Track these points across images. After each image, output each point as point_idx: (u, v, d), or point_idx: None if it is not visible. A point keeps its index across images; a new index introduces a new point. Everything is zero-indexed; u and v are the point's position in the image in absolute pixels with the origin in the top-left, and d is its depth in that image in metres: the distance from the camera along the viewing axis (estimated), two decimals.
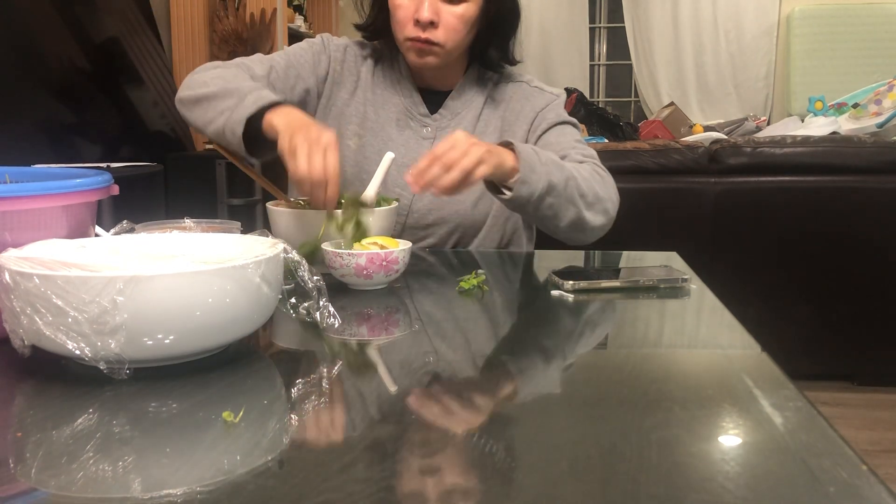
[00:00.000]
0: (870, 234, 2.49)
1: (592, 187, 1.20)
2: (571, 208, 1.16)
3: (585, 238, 1.24)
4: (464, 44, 1.28)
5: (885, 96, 3.21)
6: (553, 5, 5.45)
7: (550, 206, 1.14)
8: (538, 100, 1.36)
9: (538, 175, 1.10)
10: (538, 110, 1.35)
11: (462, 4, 1.22)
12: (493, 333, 0.89)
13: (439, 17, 1.22)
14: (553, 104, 1.36)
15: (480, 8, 1.25)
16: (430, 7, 1.20)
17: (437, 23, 1.22)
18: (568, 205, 1.16)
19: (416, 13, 1.21)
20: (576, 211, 1.17)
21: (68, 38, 2.54)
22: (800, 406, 0.61)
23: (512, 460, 0.52)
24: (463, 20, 1.23)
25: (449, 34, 1.23)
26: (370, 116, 1.34)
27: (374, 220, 1.07)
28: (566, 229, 1.20)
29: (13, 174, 0.92)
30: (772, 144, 2.50)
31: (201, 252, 0.82)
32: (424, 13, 1.20)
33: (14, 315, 0.66)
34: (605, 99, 5.71)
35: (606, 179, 1.26)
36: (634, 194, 2.56)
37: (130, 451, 0.53)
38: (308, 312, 0.79)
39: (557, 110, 1.35)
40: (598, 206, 1.20)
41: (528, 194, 1.10)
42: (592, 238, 1.25)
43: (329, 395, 0.66)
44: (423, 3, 1.20)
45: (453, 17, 1.22)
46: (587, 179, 1.20)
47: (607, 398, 0.65)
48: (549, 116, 1.34)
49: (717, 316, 0.92)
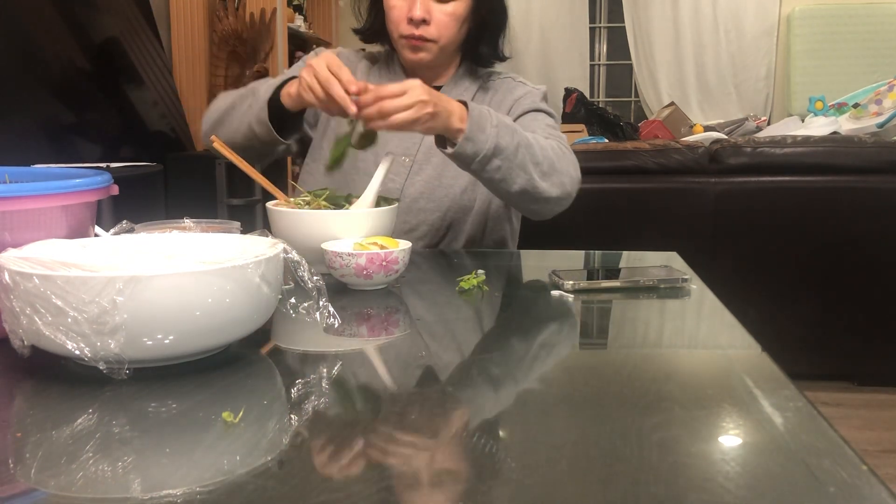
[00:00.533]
0: (870, 234, 2.48)
1: (549, 157, 1.22)
2: (522, 174, 1.18)
3: (540, 209, 1.27)
4: (455, 40, 1.35)
5: (885, 96, 3.21)
6: (553, 5, 5.45)
7: (498, 168, 1.16)
8: (519, 90, 1.43)
9: (486, 135, 1.13)
10: (516, 98, 1.41)
11: (452, 3, 1.30)
12: (493, 334, 0.88)
13: (431, 14, 1.30)
14: (531, 93, 1.41)
15: (470, 6, 1.33)
16: (422, 6, 1.28)
17: (430, 20, 1.30)
18: (518, 171, 1.18)
19: (409, 12, 1.29)
20: (527, 178, 1.19)
21: (68, 38, 2.54)
22: (800, 406, 0.61)
23: (512, 460, 0.52)
24: (453, 17, 1.31)
25: (441, 30, 1.31)
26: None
27: (374, 220, 1.07)
28: (518, 196, 1.22)
29: (13, 174, 0.92)
30: (772, 144, 2.50)
31: (201, 252, 0.82)
32: (417, 11, 1.28)
33: (14, 315, 0.66)
34: (606, 99, 5.71)
35: (567, 156, 1.28)
36: (634, 194, 2.56)
37: (130, 451, 0.53)
38: (308, 312, 0.79)
39: (533, 98, 1.40)
40: (553, 178, 1.22)
41: (473, 152, 1.13)
42: (548, 211, 1.27)
43: (329, 395, 0.66)
44: (416, 3, 1.28)
45: (444, 15, 1.30)
46: (545, 150, 1.22)
47: (607, 398, 0.65)
48: (525, 103, 1.40)
49: (717, 316, 0.92)
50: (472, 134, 1.12)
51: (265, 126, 1.23)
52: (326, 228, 1.04)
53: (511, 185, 1.19)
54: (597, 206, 2.54)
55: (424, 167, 1.37)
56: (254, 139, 1.26)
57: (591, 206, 2.54)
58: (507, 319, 0.94)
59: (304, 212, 1.08)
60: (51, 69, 2.44)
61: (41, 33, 2.41)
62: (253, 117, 1.24)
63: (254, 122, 1.24)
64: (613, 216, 2.55)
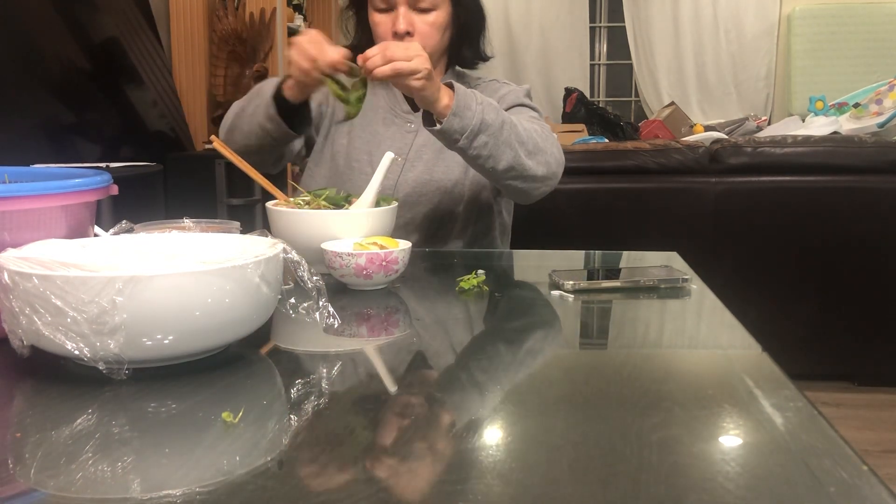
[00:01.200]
0: (870, 234, 2.48)
1: (533, 137, 1.27)
2: (508, 151, 1.22)
3: (528, 189, 1.30)
4: (439, 47, 1.42)
5: (885, 96, 3.21)
6: (553, 5, 5.45)
7: (485, 144, 1.19)
8: (503, 90, 1.48)
9: (472, 112, 1.17)
10: (501, 96, 1.46)
11: (433, 13, 1.37)
12: (493, 334, 0.88)
13: (414, 26, 1.36)
14: (514, 91, 1.47)
15: (450, 13, 1.40)
16: (405, 19, 1.35)
17: (413, 31, 1.36)
18: (504, 147, 1.21)
19: (393, 26, 1.36)
20: (513, 154, 1.23)
21: (68, 38, 2.54)
22: (800, 406, 0.61)
23: (512, 460, 0.52)
24: (435, 26, 1.38)
25: (425, 40, 1.37)
26: (357, 123, 1.46)
27: (374, 220, 1.07)
28: (504, 173, 1.25)
29: (13, 174, 0.92)
30: (772, 144, 2.50)
31: (201, 252, 0.82)
32: (400, 25, 1.35)
33: (13, 315, 0.66)
34: (606, 99, 5.71)
35: (550, 138, 1.33)
36: (634, 194, 2.56)
37: (130, 451, 0.53)
38: (308, 312, 0.79)
39: (517, 95, 1.46)
40: (539, 157, 1.27)
41: (461, 127, 1.17)
42: (534, 190, 1.31)
43: (329, 395, 0.66)
44: (399, 17, 1.35)
45: (426, 25, 1.37)
46: (528, 130, 1.27)
47: (607, 398, 0.65)
48: (509, 99, 1.45)
49: (717, 316, 0.92)
50: (459, 110, 1.16)
51: (275, 121, 1.28)
52: (326, 228, 1.04)
53: (498, 162, 1.22)
54: (597, 206, 2.55)
55: (416, 164, 1.43)
56: (267, 138, 1.31)
57: (591, 206, 2.55)
58: (507, 319, 0.94)
59: (304, 212, 1.08)
60: (51, 69, 2.44)
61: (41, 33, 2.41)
62: (262, 116, 1.29)
63: (264, 120, 1.29)
64: (613, 216, 2.55)
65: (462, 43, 1.47)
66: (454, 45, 1.46)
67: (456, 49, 1.47)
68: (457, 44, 1.46)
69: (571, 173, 2.57)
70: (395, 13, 1.36)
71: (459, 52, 1.48)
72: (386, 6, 1.37)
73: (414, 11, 1.36)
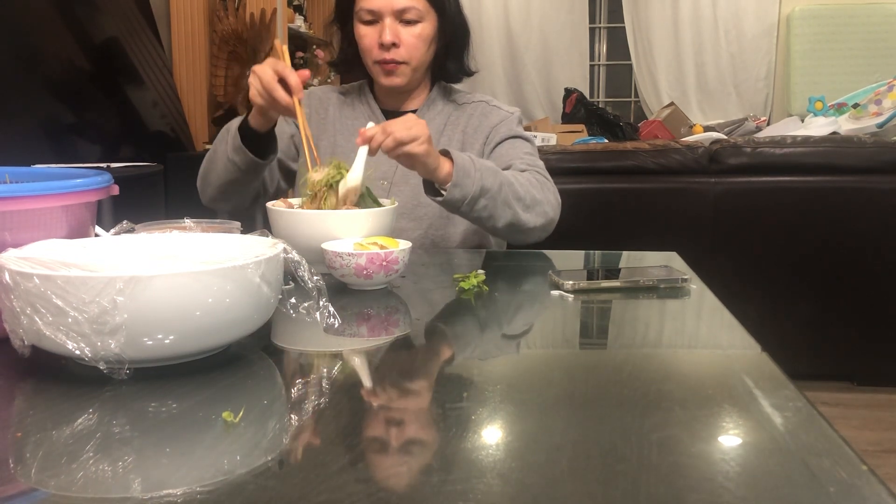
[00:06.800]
0: (870, 234, 2.48)
1: (530, 191, 1.30)
2: (507, 210, 1.26)
3: (526, 238, 1.35)
4: (425, 60, 1.43)
5: (885, 96, 3.21)
6: (553, 5, 5.45)
7: (485, 207, 1.23)
8: (494, 117, 1.48)
9: (472, 180, 1.20)
10: (493, 125, 1.47)
11: (418, 25, 1.38)
12: (493, 333, 0.88)
13: (400, 38, 1.37)
14: (507, 120, 1.48)
15: (435, 27, 1.41)
16: (391, 31, 1.36)
17: (399, 43, 1.37)
18: (504, 207, 1.25)
19: (379, 38, 1.37)
20: (512, 213, 1.27)
21: (68, 38, 2.54)
22: (800, 406, 0.61)
23: (512, 460, 0.52)
24: (421, 38, 1.39)
25: (411, 52, 1.39)
26: (340, 143, 1.48)
27: (374, 219, 1.07)
28: (504, 230, 1.30)
29: (13, 174, 0.92)
30: (772, 144, 2.50)
31: (201, 252, 0.82)
32: (386, 36, 1.36)
33: (14, 315, 0.66)
34: (605, 99, 5.71)
35: (546, 185, 1.36)
36: (634, 194, 2.56)
37: (130, 451, 0.53)
38: (308, 312, 0.79)
39: (510, 125, 1.47)
40: (536, 209, 1.31)
41: (461, 196, 1.20)
42: (533, 238, 1.35)
43: (329, 395, 0.66)
44: (385, 29, 1.36)
45: (412, 37, 1.38)
46: (524, 185, 1.30)
47: (607, 398, 0.65)
48: (502, 131, 1.46)
49: (717, 316, 0.92)
50: (459, 179, 1.19)
51: (241, 151, 1.29)
52: (326, 228, 1.04)
53: (497, 221, 1.26)
54: (597, 206, 2.55)
55: (403, 188, 1.42)
56: (236, 171, 1.32)
57: (591, 206, 2.55)
58: (507, 319, 0.94)
59: (304, 212, 1.08)
60: (52, 70, 2.44)
61: (41, 33, 2.41)
62: (230, 149, 1.30)
63: (231, 152, 1.30)
64: (613, 216, 2.55)
65: (447, 57, 1.48)
66: (439, 58, 1.47)
67: (441, 63, 1.48)
68: (442, 58, 1.47)
69: (571, 173, 2.59)
70: (380, 25, 1.36)
71: (444, 65, 1.49)
72: (372, 18, 1.37)
73: (400, 23, 1.37)
